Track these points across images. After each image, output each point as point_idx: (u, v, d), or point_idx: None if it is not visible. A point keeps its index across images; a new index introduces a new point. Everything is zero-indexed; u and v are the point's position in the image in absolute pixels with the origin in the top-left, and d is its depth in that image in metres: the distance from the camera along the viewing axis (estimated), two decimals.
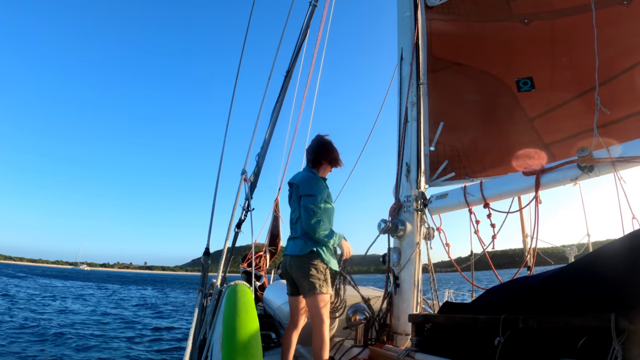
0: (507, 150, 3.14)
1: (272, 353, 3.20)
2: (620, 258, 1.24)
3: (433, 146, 3.18)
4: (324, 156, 2.80)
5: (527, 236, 4.43)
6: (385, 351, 2.31)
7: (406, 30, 3.36)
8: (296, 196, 2.69)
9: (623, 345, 1.04)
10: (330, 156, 2.81)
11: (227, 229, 2.86)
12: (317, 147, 2.82)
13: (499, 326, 1.40)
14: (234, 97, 3.59)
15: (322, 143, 2.83)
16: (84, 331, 10.86)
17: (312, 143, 2.87)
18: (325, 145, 2.83)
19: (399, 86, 3.30)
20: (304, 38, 3.59)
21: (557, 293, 1.41)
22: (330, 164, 2.84)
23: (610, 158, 2.06)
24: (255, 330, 1.75)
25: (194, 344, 2.32)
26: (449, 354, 1.71)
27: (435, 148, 3.23)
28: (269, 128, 3.39)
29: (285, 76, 3.52)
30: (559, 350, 1.27)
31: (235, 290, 2.21)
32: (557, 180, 2.32)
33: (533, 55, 3.17)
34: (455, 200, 2.76)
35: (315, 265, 2.53)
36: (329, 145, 2.83)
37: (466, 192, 2.69)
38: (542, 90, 3.13)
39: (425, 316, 2.10)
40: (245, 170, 3.09)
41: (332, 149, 2.83)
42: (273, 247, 6.25)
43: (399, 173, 3.07)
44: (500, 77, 3.24)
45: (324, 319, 2.48)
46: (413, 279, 2.81)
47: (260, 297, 5.19)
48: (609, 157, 2.06)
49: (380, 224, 2.91)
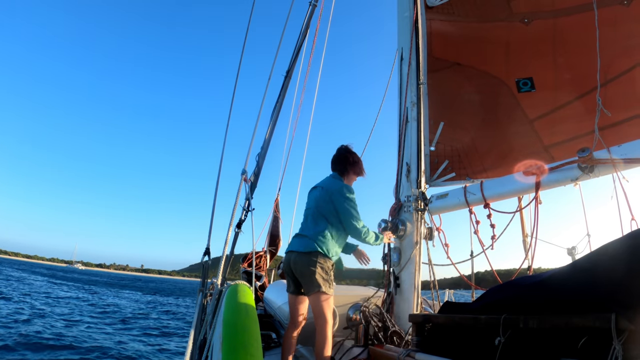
0: (508, 151, 3.14)
1: (272, 353, 3.20)
2: (621, 258, 1.24)
3: (433, 146, 3.18)
4: (351, 167, 2.89)
5: (527, 236, 4.43)
6: (386, 351, 2.31)
7: (406, 30, 3.36)
8: (324, 197, 2.73)
9: (623, 345, 1.04)
10: (357, 166, 2.91)
11: (227, 229, 2.86)
12: (345, 158, 2.91)
13: (500, 326, 1.40)
14: (234, 97, 3.59)
15: (350, 153, 2.93)
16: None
17: (337, 153, 2.96)
18: (352, 155, 2.92)
19: (398, 86, 3.30)
20: (304, 38, 3.59)
21: (557, 293, 1.41)
22: (356, 174, 2.93)
23: (611, 159, 2.06)
24: (255, 330, 1.75)
25: (194, 344, 2.32)
26: (450, 354, 1.71)
27: (436, 148, 3.23)
28: (269, 128, 3.39)
29: (285, 76, 3.52)
30: (559, 350, 1.27)
31: (235, 290, 2.21)
32: (558, 181, 2.32)
33: (533, 55, 3.16)
34: (455, 200, 2.77)
35: (321, 264, 2.53)
36: (355, 156, 2.94)
37: (467, 192, 2.69)
38: (542, 91, 3.13)
39: (426, 316, 2.10)
40: (246, 170, 3.09)
41: (357, 159, 2.93)
42: (273, 247, 6.25)
43: (399, 173, 3.07)
44: (501, 77, 3.24)
45: (327, 318, 2.48)
46: (413, 279, 2.81)
47: (260, 297, 5.19)
48: (610, 157, 2.06)
49: (380, 224, 2.91)
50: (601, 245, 1.36)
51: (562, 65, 3.06)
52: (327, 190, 2.74)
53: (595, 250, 1.41)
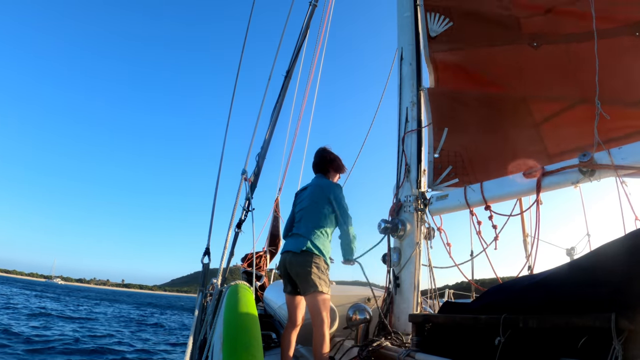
0: (512, 159, 3.09)
1: (272, 353, 3.20)
2: (621, 257, 1.24)
3: (437, 153, 3.14)
4: (331, 165, 2.97)
5: (528, 236, 4.43)
6: (386, 351, 2.31)
7: (406, 30, 3.36)
8: (313, 197, 2.75)
9: (623, 345, 1.04)
10: (335, 163, 2.99)
11: (228, 229, 2.86)
12: (323, 158, 2.99)
13: (500, 326, 1.40)
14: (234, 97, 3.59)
15: (326, 152, 3.01)
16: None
17: (315, 156, 3.03)
18: (328, 154, 3.00)
19: (398, 86, 3.30)
20: (304, 38, 3.60)
21: (557, 293, 1.41)
22: (337, 172, 3.02)
23: (612, 165, 2.04)
24: (255, 330, 1.75)
25: (195, 344, 2.33)
26: (450, 353, 1.71)
27: (440, 155, 3.18)
28: (269, 128, 3.40)
29: (285, 76, 3.52)
30: (559, 350, 1.27)
31: (235, 290, 2.21)
32: (559, 183, 2.31)
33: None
34: (455, 202, 2.75)
35: (317, 263, 2.54)
36: (332, 154, 3.01)
37: (467, 194, 2.68)
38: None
39: (426, 316, 2.10)
40: (246, 170, 3.10)
41: (334, 156, 3.01)
42: (273, 247, 6.25)
43: (399, 173, 3.07)
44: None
45: (324, 317, 2.49)
46: (413, 279, 2.81)
47: (260, 297, 5.20)
48: (612, 163, 2.04)
49: (380, 224, 2.91)
50: (601, 244, 1.37)
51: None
52: (320, 187, 2.78)
53: (595, 249, 1.41)
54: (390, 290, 2.86)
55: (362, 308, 3.06)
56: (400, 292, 2.81)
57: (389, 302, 2.85)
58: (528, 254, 4.11)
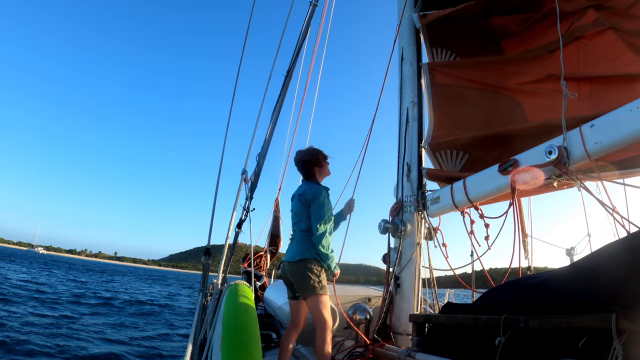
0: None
1: (272, 353, 3.20)
2: (621, 258, 1.24)
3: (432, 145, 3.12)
4: (312, 169, 2.89)
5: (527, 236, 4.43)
6: (386, 351, 2.31)
7: (406, 30, 3.36)
8: (302, 206, 2.77)
9: (624, 346, 1.04)
10: (313, 159, 2.90)
11: (228, 229, 2.87)
12: (301, 161, 2.92)
13: (500, 326, 1.40)
14: (234, 97, 3.59)
15: (305, 154, 2.93)
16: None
17: (295, 161, 2.97)
18: (306, 155, 2.92)
19: (399, 86, 3.29)
20: (304, 38, 3.59)
21: (558, 293, 1.41)
22: (320, 165, 2.92)
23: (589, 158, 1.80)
24: (255, 330, 1.76)
25: (195, 344, 2.33)
26: (450, 354, 1.71)
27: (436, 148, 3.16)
28: (269, 128, 3.39)
29: (285, 76, 3.52)
30: (559, 350, 1.27)
31: (235, 290, 2.21)
32: (532, 179, 2.13)
33: None
34: (446, 204, 2.69)
35: (310, 268, 2.61)
36: (308, 154, 2.92)
37: (453, 194, 2.60)
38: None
39: (426, 316, 2.10)
40: (246, 170, 3.10)
41: (310, 156, 2.91)
42: (273, 247, 6.25)
43: (400, 173, 3.07)
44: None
45: (326, 318, 2.54)
46: (414, 279, 2.81)
47: (260, 297, 5.19)
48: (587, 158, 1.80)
49: (380, 224, 2.92)
50: (602, 245, 1.37)
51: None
52: (302, 195, 2.79)
53: (596, 250, 1.41)
54: (391, 290, 2.86)
55: (363, 308, 3.06)
56: (401, 292, 2.81)
57: (389, 302, 2.84)
58: (527, 255, 4.11)
